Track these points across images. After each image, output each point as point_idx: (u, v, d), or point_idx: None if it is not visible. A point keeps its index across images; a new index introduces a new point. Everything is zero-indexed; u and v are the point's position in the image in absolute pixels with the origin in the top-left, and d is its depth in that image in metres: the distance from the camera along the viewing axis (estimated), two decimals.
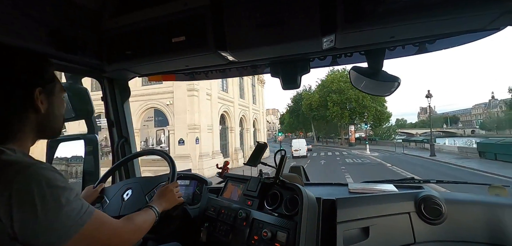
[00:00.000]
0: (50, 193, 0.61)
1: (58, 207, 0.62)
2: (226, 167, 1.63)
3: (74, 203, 0.65)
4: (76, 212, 0.65)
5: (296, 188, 1.18)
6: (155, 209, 1.04)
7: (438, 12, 0.85)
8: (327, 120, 41.41)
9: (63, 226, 0.62)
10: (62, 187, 0.64)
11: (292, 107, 55.77)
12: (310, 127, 52.17)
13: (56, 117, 0.81)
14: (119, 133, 1.77)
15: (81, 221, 0.65)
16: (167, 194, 1.16)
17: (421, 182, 1.54)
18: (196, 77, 1.62)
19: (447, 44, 1.17)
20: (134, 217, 0.91)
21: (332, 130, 48.67)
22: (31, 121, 0.75)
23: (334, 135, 49.97)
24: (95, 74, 1.55)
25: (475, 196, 1.28)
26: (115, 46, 1.29)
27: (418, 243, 1.14)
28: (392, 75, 1.22)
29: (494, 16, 0.88)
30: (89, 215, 0.68)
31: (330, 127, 46.58)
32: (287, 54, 1.26)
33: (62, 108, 0.85)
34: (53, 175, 0.64)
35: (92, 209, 0.70)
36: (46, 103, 0.76)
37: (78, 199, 0.67)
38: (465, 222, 1.15)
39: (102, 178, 1.43)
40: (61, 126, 0.85)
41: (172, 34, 1.16)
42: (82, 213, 0.66)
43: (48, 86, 0.78)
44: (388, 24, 0.91)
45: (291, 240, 1.07)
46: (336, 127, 45.05)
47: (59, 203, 0.62)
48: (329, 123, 43.01)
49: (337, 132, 47.44)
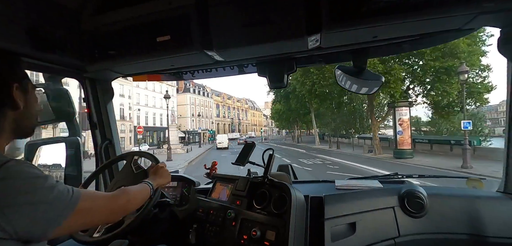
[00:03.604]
0: (32, 184, 0.62)
1: (46, 194, 0.62)
2: (214, 167, 1.62)
3: (60, 186, 0.66)
4: (65, 194, 0.66)
5: (284, 187, 1.19)
6: (150, 183, 1.03)
7: (417, 13, 0.88)
8: (339, 104, 23.19)
9: (56, 209, 0.63)
10: (43, 176, 0.65)
11: (284, 92, 34.06)
12: (310, 119, 31.98)
13: (32, 115, 0.81)
14: (103, 135, 1.72)
15: (72, 200, 0.67)
16: (160, 170, 1.16)
17: (404, 177, 1.59)
18: (182, 77, 1.59)
19: (426, 44, 1.22)
20: (128, 189, 0.92)
21: (350, 122, 26.70)
22: (8, 119, 0.72)
23: (353, 130, 26.83)
24: (76, 75, 1.49)
25: (454, 189, 1.34)
26: (97, 45, 1.25)
27: (402, 236, 1.18)
28: (375, 74, 1.27)
29: (470, 18, 0.93)
30: (78, 194, 0.69)
31: (343, 116, 25.69)
32: (273, 53, 1.26)
33: (36, 106, 0.84)
34: (30, 169, 0.64)
35: (78, 189, 0.72)
36: (23, 100, 0.75)
37: (61, 183, 0.68)
38: (446, 215, 1.20)
39: (85, 182, 1.38)
40: (36, 124, 0.84)
41: (156, 33, 1.14)
42: (71, 193, 0.67)
43: (23, 82, 0.76)
44: (371, 24, 0.94)
45: (280, 238, 1.08)
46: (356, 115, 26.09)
47: (45, 190, 0.63)
48: (343, 108, 24.12)
49: (359, 125, 26.79)
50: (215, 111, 68.15)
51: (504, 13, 0.93)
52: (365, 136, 25.28)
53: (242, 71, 1.47)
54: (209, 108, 64.67)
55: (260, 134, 68.33)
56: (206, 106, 62.60)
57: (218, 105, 70.74)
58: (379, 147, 17.92)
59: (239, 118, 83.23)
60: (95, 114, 1.68)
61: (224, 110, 73.57)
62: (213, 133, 52.03)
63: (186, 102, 54.44)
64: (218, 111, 69.72)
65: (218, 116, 69.57)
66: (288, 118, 39.92)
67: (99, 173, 1.63)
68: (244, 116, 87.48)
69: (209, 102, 64.60)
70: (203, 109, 60.80)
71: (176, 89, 51.65)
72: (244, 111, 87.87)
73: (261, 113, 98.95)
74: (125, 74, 1.59)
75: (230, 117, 76.26)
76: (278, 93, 35.96)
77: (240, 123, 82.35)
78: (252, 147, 1.51)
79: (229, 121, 74.68)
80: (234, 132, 68.87)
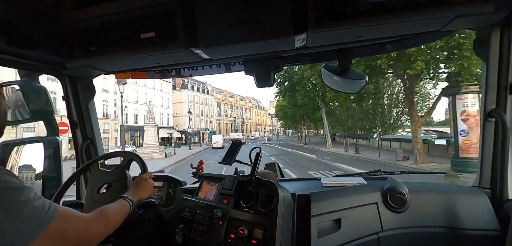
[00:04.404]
0: (7, 197, 0.59)
1: (19, 208, 0.59)
2: (201, 166, 1.60)
3: (36, 202, 0.63)
4: (39, 210, 0.62)
5: (271, 185, 1.20)
6: (129, 199, 0.99)
7: (399, 15, 0.91)
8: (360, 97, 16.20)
9: (28, 227, 0.60)
10: (19, 187, 0.61)
11: (289, 84, 28.20)
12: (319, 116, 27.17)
13: (2, 113, 0.77)
14: (84, 134, 1.66)
15: (46, 218, 0.63)
16: (142, 183, 1.11)
17: (387, 173, 1.65)
18: (168, 75, 1.56)
19: (408, 45, 1.27)
20: (106, 209, 0.86)
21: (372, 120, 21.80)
22: None
23: (379, 129, 21.26)
24: (55, 72, 1.43)
25: (433, 185, 1.40)
26: (77, 41, 1.20)
27: (384, 230, 1.22)
28: (359, 73, 1.31)
29: (448, 20, 0.98)
30: (54, 212, 0.65)
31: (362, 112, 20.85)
32: (260, 52, 1.27)
33: (4, 104, 0.80)
34: (6, 177, 0.61)
35: (55, 205, 0.68)
36: None
37: (39, 197, 0.65)
38: (425, 209, 1.25)
39: (64, 184, 1.33)
40: (4, 124, 0.79)
41: (140, 29, 1.11)
42: (45, 210, 0.64)
43: None
44: (355, 25, 0.96)
45: (268, 236, 1.09)
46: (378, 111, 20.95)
47: (19, 204, 0.60)
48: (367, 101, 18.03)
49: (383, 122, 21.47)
50: (216, 110, 64.07)
51: (478, 16, 0.99)
52: (389, 137, 20.76)
53: (229, 70, 1.46)
54: (210, 106, 60.49)
55: (264, 134, 59.97)
56: (206, 105, 58.61)
57: (220, 104, 66.30)
58: (422, 153, 12.53)
59: (243, 117, 78.83)
60: (75, 113, 1.62)
61: (226, 109, 69.06)
62: (211, 132, 48.57)
63: (184, 100, 50.75)
64: (219, 110, 65.51)
65: (220, 116, 65.36)
66: (294, 116, 34.85)
67: (80, 174, 1.57)
68: (248, 116, 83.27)
69: (209, 100, 60.53)
70: (203, 108, 57.08)
71: (173, 85, 48.92)
72: (248, 110, 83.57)
73: (266, 112, 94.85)
74: (107, 72, 1.54)
75: (232, 117, 71.65)
76: (282, 86, 29.76)
77: (244, 123, 77.93)
78: (239, 145, 1.50)
79: (231, 121, 70.26)
80: (237, 131, 65.40)
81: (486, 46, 1.14)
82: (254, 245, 1.11)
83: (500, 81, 1.13)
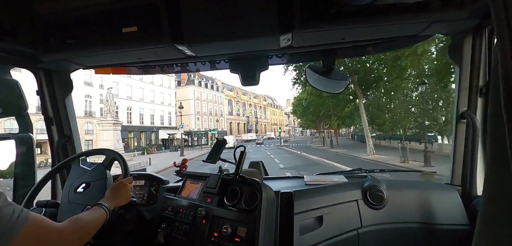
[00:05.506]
0: None
1: None
2: (185, 164, 1.58)
3: (4, 209, 0.58)
4: (7, 219, 0.58)
5: (255, 183, 1.20)
6: (105, 206, 0.96)
7: (380, 19, 0.95)
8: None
9: None
10: None
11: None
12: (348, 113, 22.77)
13: None
14: (60, 132, 1.58)
15: (14, 228, 0.59)
16: (120, 189, 1.08)
17: (367, 171, 1.70)
18: (151, 71, 1.52)
19: (388, 47, 1.32)
20: (81, 218, 0.83)
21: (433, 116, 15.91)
22: None
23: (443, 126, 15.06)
24: (28, 65, 1.35)
25: (410, 182, 1.47)
26: (53, 33, 1.14)
27: (364, 226, 1.27)
28: (343, 74, 1.34)
29: (425, 25, 1.03)
30: (24, 220, 0.61)
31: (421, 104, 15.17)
32: (246, 50, 1.26)
33: None
34: None
35: (26, 213, 0.63)
36: None
37: (9, 203, 0.60)
38: (402, 205, 1.31)
39: (38, 183, 1.26)
40: None
41: (122, 23, 1.07)
42: (14, 219, 0.59)
43: None
44: (339, 26, 0.99)
45: (251, 234, 1.09)
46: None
47: None
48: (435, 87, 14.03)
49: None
50: (227, 108, 57.55)
51: (453, 23, 1.05)
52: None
53: (214, 67, 1.45)
54: (219, 104, 53.86)
55: (278, 135, 50.19)
56: (215, 103, 52.02)
57: (231, 102, 59.63)
58: None
59: (257, 116, 71.00)
60: (51, 109, 1.54)
61: (238, 107, 62.32)
62: (216, 133, 42.31)
63: (189, 97, 44.10)
64: (230, 109, 59.17)
65: (231, 114, 58.95)
66: (317, 112, 25.33)
67: (55, 173, 1.50)
68: (262, 115, 75.39)
69: (219, 97, 53.86)
70: (212, 106, 50.68)
71: (178, 81, 43.52)
72: (263, 109, 75.56)
73: (282, 111, 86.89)
74: (86, 66, 1.47)
75: (245, 116, 64.62)
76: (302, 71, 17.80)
77: (258, 122, 70.15)
78: (223, 143, 1.50)
79: (244, 120, 63.51)
80: (250, 132, 58.95)
81: (459, 51, 1.21)
82: (238, 243, 1.11)
83: (472, 84, 1.20)
